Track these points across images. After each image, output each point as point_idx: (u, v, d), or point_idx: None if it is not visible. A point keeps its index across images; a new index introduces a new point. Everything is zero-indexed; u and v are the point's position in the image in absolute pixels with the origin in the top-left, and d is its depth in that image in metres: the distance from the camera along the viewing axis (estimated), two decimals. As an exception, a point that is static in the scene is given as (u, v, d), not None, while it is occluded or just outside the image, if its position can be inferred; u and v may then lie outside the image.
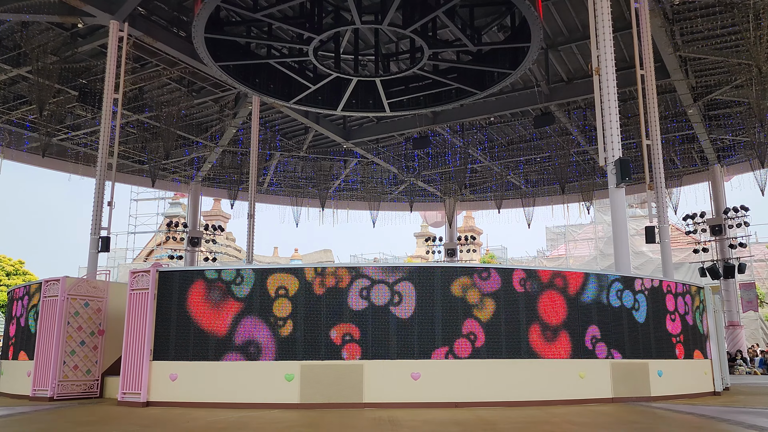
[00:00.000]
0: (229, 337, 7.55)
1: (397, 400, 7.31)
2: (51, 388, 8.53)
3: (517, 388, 7.57)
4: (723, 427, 5.69)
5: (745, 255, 23.62)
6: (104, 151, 13.09)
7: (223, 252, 38.80)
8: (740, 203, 22.37)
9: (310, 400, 7.31)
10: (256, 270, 7.75)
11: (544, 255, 44.50)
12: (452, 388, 7.42)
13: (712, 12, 14.04)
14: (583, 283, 8.15)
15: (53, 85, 15.86)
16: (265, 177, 24.91)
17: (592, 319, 8.08)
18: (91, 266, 12.62)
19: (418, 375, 7.38)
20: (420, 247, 53.74)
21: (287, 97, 14.96)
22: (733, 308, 21.65)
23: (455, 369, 7.46)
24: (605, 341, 8.10)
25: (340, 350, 7.42)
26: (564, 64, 17.03)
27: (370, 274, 7.64)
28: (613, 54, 10.06)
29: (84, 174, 21.61)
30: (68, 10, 13.04)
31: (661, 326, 8.78)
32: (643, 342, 8.46)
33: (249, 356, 7.48)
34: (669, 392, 8.60)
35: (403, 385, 7.38)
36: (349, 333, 7.46)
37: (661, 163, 12.57)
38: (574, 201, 25.93)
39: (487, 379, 7.51)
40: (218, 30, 12.44)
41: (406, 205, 28.20)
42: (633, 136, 18.71)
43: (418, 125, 20.10)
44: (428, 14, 11.61)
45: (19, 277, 35.71)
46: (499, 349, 7.60)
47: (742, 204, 21.37)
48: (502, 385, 7.54)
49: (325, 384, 7.36)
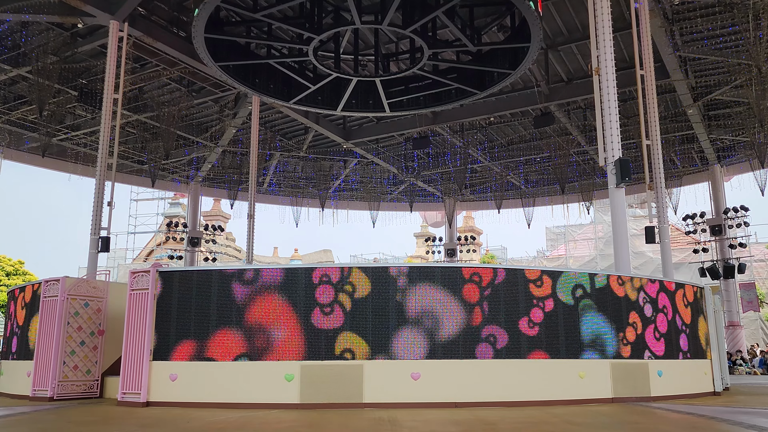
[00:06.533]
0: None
1: (397, 401, 7.32)
2: (51, 388, 8.53)
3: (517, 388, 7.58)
4: (723, 427, 5.69)
5: (745, 255, 23.61)
6: (104, 151, 13.09)
7: (223, 252, 38.80)
8: (740, 203, 22.38)
9: (310, 401, 7.31)
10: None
11: (544, 255, 44.50)
12: (452, 388, 7.43)
13: (711, 12, 14.04)
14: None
15: (53, 85, 15.85)
16: (264, 177, 24.90)
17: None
18: (91, 266, 12.62)
19: (418, 375, 7.38)
20: (420, 247, 53.74)
21: (287, 97, 14.96)
22: (733, 308, 21.66)
23: (455, 369, 7.46)
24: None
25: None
26: (564, 64, 17.03)
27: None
28: (613, 54, 10.06)
29: (84, 174, 21.62)
30: (68, 10, 13.04)
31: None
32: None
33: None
34: (669, 392, 8.60)
35: (403, 385, 7.38)
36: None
37: (661, 163, 12.57)
38: (574, 201, 25.93)
39: (487, 379, 7.52)
40: (218, 30, 12.45)
41: (406, 205, 28.19)
42: (633, 136, 18.69)
43: (418, 125, 20.10)
44: (428, 14, 11.62)
45: (19, 277, 35.69)
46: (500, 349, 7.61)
47: (742, 204, 21.38)
48: (502, 385, 7.55)
49: (325, 384, 7.36)
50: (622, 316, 8.32)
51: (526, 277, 7.92)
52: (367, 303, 7.52)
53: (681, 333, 9.14)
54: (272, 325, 7.52)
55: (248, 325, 7.56)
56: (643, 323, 8.54)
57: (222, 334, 7.59)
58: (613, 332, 8.18)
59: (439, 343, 7.46)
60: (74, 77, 16.54)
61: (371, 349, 7.41)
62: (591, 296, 8.14)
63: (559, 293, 7.98)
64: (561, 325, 7.88)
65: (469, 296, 7.64)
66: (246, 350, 7.50)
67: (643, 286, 8.69)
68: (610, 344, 8.11)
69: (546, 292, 7.93)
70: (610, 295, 8.29)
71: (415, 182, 25.91)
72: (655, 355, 8.57)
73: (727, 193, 22.61)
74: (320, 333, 7.45)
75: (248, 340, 7.52)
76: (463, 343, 7.49)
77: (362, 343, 7.43)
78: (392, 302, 7.52)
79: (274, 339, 7.48)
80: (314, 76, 14.63)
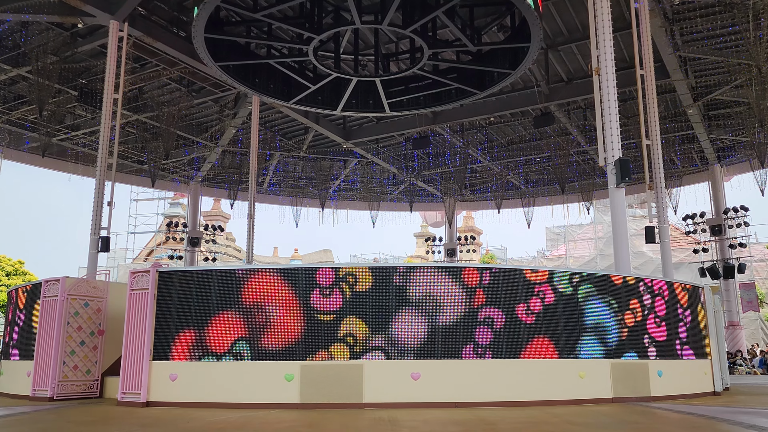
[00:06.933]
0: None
1: (397, 400, 7.32)
2: (51, 388, 8.53)
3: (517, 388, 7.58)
4: (723, 427, 5.69)
5: (745, 255, 23.62)
6: (104, 151, 13.09)
7: (222, 252, 38.80)
8: (740, 203, 22.38)
9: (310, 401, 7.31)
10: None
11: (544, 255, 44.51)
12: (452, 388, 7.43)
13: (711, 12, 14.04)
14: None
15: (53, 85, 15.86)
16: (264, 177, 24.90)
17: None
18: (91, 266, 12.61)
19: (418, 375, 7.38)
20: (420, 247, 53.75)
21: (287, 97, 14.96)
22: (733, 308, 21.66)
23: (455, 369, 7.47)
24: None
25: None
26: (564, 64, 17.03)
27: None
28: (613, 54, 10.06)
29: (84, 174, 21.62)
30: (68, 10, 13.04)
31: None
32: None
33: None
34: (669, 392, 8.60)
35: (402, 385, 7.38)
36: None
37: (661, 163, 12.57)
38: (574, 201, 25.93)
39: (487, 379, 7.52)
40: (218, 30, 12.44)
41: (406, 205, 28.19)
42: (633, 136, 18.70)
43: (418, 125, 20.09)
44: (428, 14, 11.61)
45: (19, 277, 35.70)
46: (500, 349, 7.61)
47: (741, 204, 21.38)
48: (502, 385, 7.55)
49: (325, 384, 7.36)
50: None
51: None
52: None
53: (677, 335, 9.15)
54: (273, 323, 7.52)
55: (248, 324, 7.56)
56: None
57: (222, 334, 7.59)
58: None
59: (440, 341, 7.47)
60: (74, 77, 16.54)
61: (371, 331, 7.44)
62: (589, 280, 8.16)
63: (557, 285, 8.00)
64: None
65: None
66: (246, 349, 7.50)
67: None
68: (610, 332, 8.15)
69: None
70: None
71: (415, 182, 25.91)
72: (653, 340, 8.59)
73: (727, 193, 22.65)
74: (321, 323, 7.46)
75: (249, 339, 7.52)
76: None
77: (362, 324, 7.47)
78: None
79: (274, 338, 7.49)
80: (314, 76, 14.62)
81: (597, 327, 8.09)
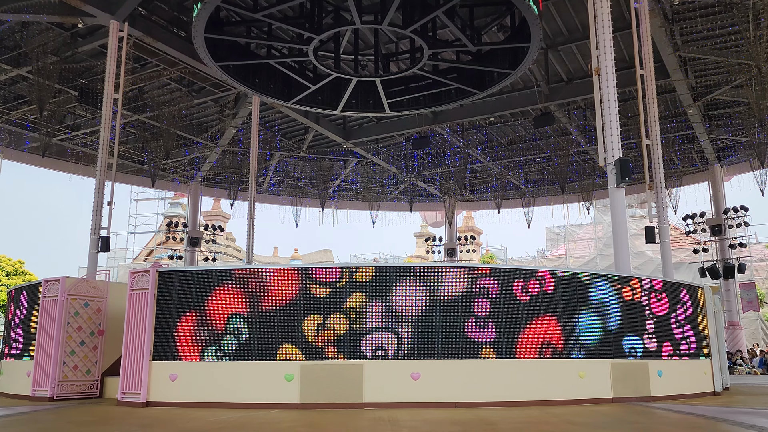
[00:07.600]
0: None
1: (397, 400, 7.32)
2: (51, 388, 8.53)
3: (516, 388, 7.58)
4: (723, 427, 5.69)
5: (745, 255, 23.63)
6: (104, 151, 13.09)
7: (222, 252, 38.81)
8: (740, 203, 22.38)
9: (309, 400, 7.31)
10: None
11: (544, 255, 44.51)
12: (452, 388, 7.43)
13: (711, 12, 14.03)
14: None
15: (53, 85, 15.85)
16: (264, 177, 24.91)
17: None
18: (91, 266, 12.61)
19: (418, 375, 7.38)
20: (420, 247, 53.75)
21: (287, 97, 14.96)
22: (733, 308, 21.66)
23: (455, 369, 7.47)
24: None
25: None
26: (564, 64, 17.03)
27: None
28: (613, 54, 10.06)
29: (84, 174, 21.61)
30: (68, 10, 13.04)
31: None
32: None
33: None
34: (669, 392, 8.60)
35: (402, 385, 7.38)
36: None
37: (661, 163, 12.57)
38: (574, 201, 25.93)
39: (487, 379, 7.52)
40: (218, 30, 12.44)
41: (406, 205, 28.19)
42: (633, 136, 18.70)
43: (418, 125, 20.10)
44: (428, 14, 11.61)
45: (19, 277, 35.70)
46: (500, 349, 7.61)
47: (742, 204, 21.38)
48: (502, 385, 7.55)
49: (325, 384, 7.36)
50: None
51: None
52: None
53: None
54: (271, 324, 7.53)
55: (249, 324, 7.56)
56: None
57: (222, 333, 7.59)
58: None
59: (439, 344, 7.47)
60: (74, 77, 16.54)
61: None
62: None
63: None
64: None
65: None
66: (247, 350, 7.51)
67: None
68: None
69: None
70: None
71: (415, 182, 25.91)
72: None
73: (727, 193, 22.65)
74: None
75: (249, 339, 7.52)
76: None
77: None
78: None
79: (274, 338, 7.49)
80: (314, 76, 14.62)
81: (597, 325, 8.10)
